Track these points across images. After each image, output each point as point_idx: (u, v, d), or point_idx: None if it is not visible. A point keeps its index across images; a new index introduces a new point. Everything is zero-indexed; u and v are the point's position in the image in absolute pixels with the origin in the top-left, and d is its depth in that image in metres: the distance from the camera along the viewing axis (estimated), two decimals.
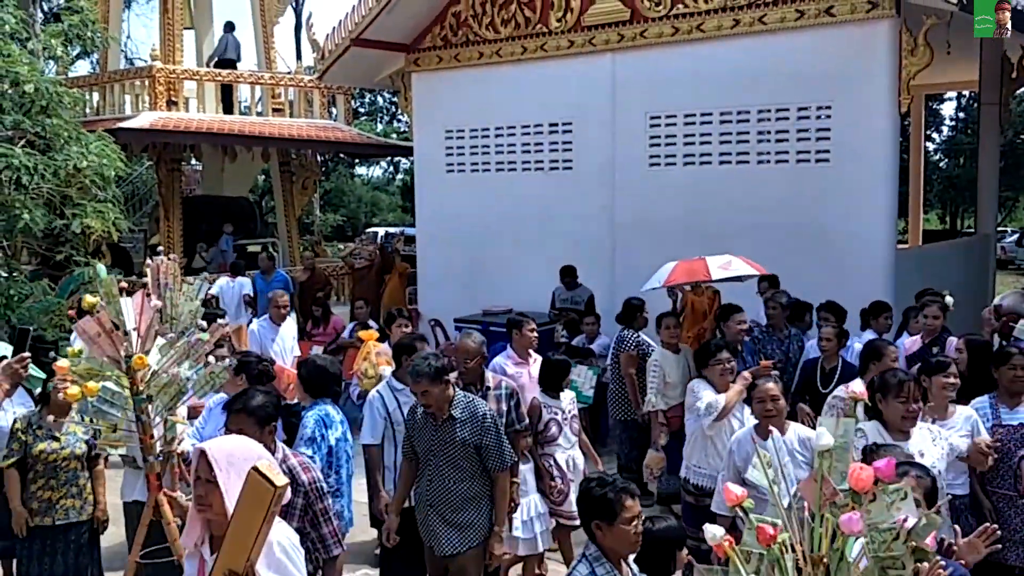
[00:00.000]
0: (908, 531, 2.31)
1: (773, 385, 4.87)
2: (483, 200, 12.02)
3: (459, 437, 4.80)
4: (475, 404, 4.88)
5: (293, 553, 2.99)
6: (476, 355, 5.45)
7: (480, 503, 4.90)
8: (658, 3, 10.21)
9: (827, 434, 2.45)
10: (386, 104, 40.83)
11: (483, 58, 11.77)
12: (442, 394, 4.75)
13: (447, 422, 4.81)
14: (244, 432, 3.63)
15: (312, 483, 3.85)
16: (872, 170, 9.08)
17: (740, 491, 2.45)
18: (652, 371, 7.13)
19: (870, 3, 8.84)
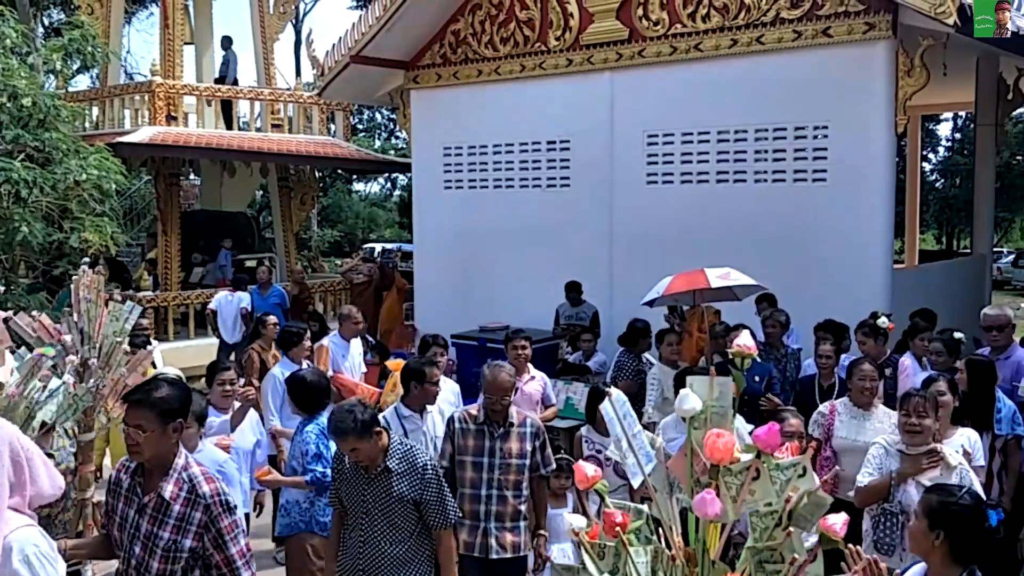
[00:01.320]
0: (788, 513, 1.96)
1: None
2: (481, 217, 12.05)
3: (395, 491, 4.30)
4: (414, 453, 4.38)
5: (41, 562, 2.68)
6: (511, 391, 5.00)
7: (419, 568, 4.38)
8: (656, 23, 10.27)
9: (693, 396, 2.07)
10: (384, 121, 40.92)
11: (482, 76, 11.83)
12: (373, 448, 4.26)
13: (382, 474, 4.31)
14: (142, 428, 3.27)
15: (215, 495, 3.34)
16: (869, 190, 9.12)
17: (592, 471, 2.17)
18: (651, 385, 7.15)
19: (867, 24, 8.90)
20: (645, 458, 2.17)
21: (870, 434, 5.37)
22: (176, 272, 14.81)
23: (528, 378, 7.17)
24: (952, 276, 11.91)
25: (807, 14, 9.26)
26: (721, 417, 2.05)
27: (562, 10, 11.02)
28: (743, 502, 1.95)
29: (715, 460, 1.94)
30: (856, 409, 5.56)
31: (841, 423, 5.53)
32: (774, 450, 1.95)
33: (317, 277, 17.39)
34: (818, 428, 5.62)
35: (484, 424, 5.01)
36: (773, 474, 1.95)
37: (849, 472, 5.34)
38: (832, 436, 5.50)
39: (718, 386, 2.10)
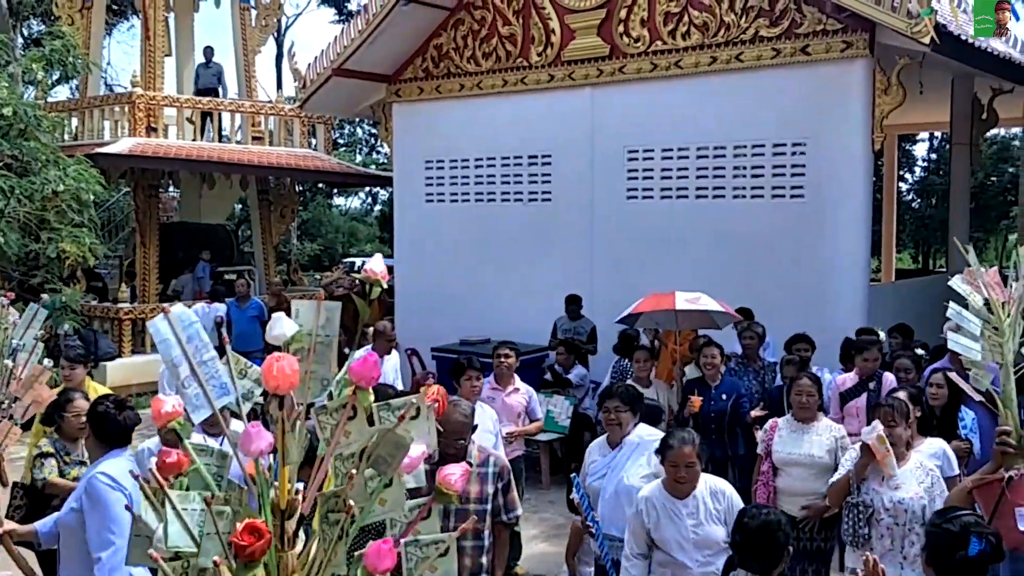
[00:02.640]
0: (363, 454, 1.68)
1: (690, 449, 4.21)
2: (462, 230, 12.08)
3: None
4: None
5: None
6: (466, 431, 4.40)
7: None
8: (637, 39, 10.37)
9: (285, 321, 1.76)
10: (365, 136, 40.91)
11: (464, 90, 11.89)
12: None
13: None
14: None
15: None
16: (846, 206, 9.22)
17: (173, 403, 1.83)
18: None
19: (845, 43, 9.02)
20: (217, 390, 1.80)
21: (808, 447, 5.43)
22: (154, 284, 14.72)
23: (511, 389, 7.18)
24: (927, 292, 12.01)
25: (786, 32, 9.39)
26: (326, 347, 1.75)
27: (544, 26, 11.11)
28: (338, 444, 1.68)
29: (272, 388, 1.62)
30: (797, 424, 5.58)
31: (780, 438, 5.56)
32: (371, 384, 1.69)
33: (296, 290, 17.31)
34: (761, 444, 5.69)
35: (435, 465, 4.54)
36: (383, 414, 1.70)
37: (789, 485, 5.43)
38: (771, 451, 5.54)
39: (325, 312, 1.78)
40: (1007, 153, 31.77)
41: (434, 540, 1.83)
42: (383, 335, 8.31)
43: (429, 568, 1.81)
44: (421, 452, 1.78)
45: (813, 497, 5.33)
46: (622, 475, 4.89)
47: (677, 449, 4.21)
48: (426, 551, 1.83)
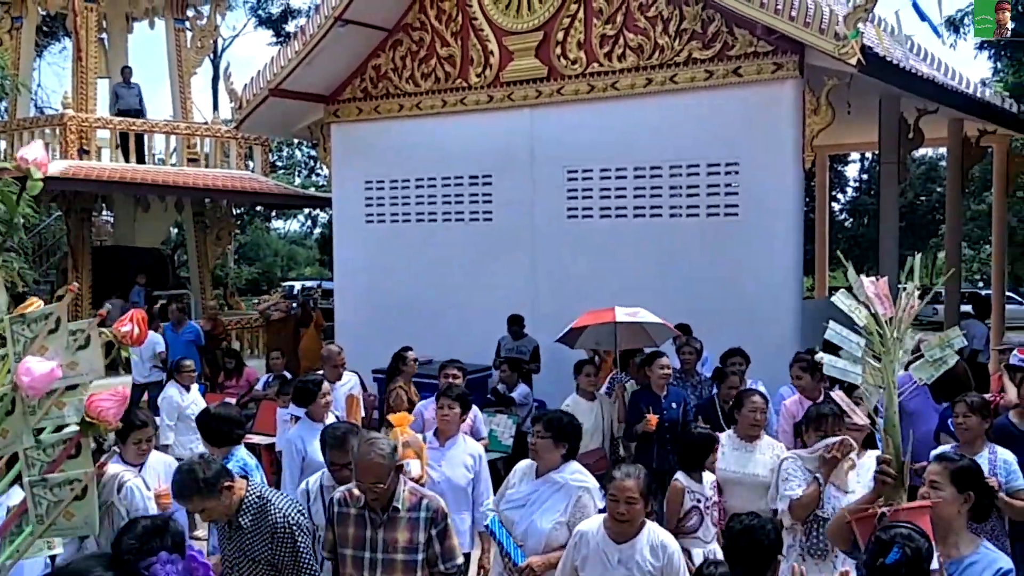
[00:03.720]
0: None
1: (633, 483, 3.86)
2: (404, 251, 12.05)
3: (249, 551, 3.91)
4: (268, 508, 3.93)
5: None
6: (388, 473, 3.87)
7: None
8: (574, 62, 10.50)
9: None
10: (304, 158, 40.62)
11: (403, 110, 11.90)
12: (224, 504, 3.89)
13: (235, 532, 3.95)
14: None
15: None
16: (778, 223, 9.42)
17: None
18: None
19: (775, 64, 9.25)
20: None
21: (752, 466, 5.38)
22: (87, 310, 14.38)
23: None
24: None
25: (718, 54, 9.59)
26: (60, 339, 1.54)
27: (482, 48, 11.19)
28: None
29: None
30: (740, 441, 5.51)
31: (724, 456, 5.48)
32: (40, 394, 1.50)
33: (233, 314, 17.06)
34: None
35: (365, 508, 3.94)
36: (15, 328, 1.50)
37: (731, 505, 5.34)
38: (716, 470, 5.43)
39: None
40: (935, 173, 32.86)
41: (66, 480, 1.53)
42: (329, 360, 8.07)
43: (64, 515, 1.55)
44: (49, 370, 1.55)
45: None
46: (535, 516, 4.46)
47: (619, 481, 3.84)
48: (58, 492, 1.57)
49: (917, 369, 3.34)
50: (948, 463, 3.39)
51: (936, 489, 3.31)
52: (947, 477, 3.32)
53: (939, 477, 3.33)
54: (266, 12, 36.32)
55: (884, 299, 3.34)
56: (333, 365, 7.99)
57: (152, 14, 17.59)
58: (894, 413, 3.25)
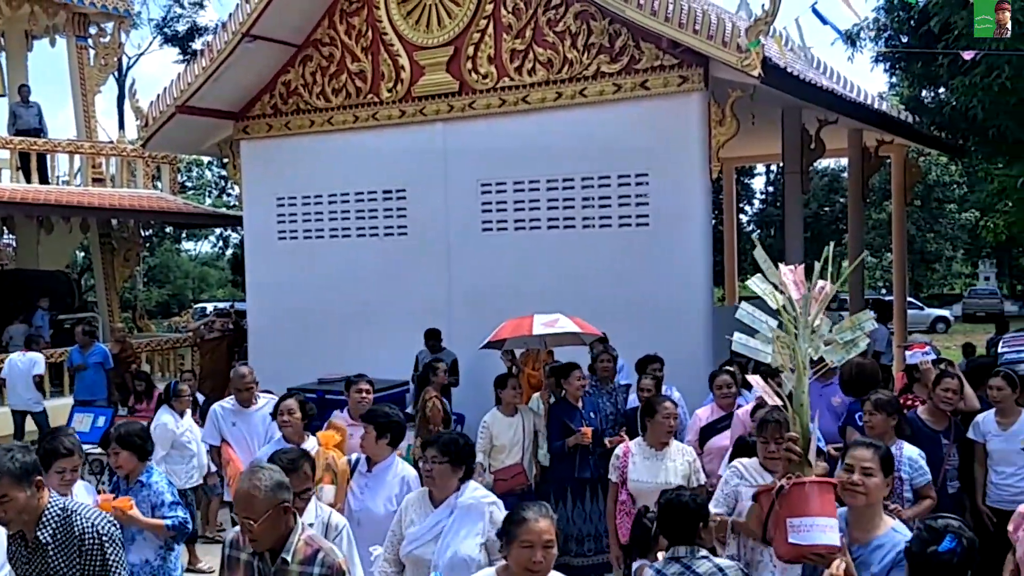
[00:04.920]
0: None
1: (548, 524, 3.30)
2: (318, 268, 11.91)
3: (52, 571, 3.52)
4: (72, 520, 3.55)
5: None
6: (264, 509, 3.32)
7: None
8: (485, 76, 10.58)
9: None
10: (215, 178, 39.92)
11: (314, 126, 11.80)
12: (30, 502, 3.47)
13: (36, 548, 3.53)
14: None
15: None
16: (688, 232, 9.60)
17: None
18: (480, 433, 7.15)
19: (681, 77, 9.46)
20: None
21: (664, 474, 5.37)
22: None
23: None
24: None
25: (626, 68, 9.77)
26: None
27: (393, 63, 11.18)
28: None
29: None
30: (650, 449, 5.47)
31: (635, 465, 5.45)
32: None
33: (143, 337, 16.61)
34: (615, 472, 5.54)
35: (256, 556, 3.45)
36: None
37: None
38: (627, 479, 5.39)
39: None
40: (837, 184, 33.98)
41: None
42: (237, 383, 7.25)
43: None
44: None
45: None
46: (456, 546, 4.11)
47: (532, 522, 3.22)
48: None
49: (829, 352, 3.36)
50: (875, 449, 3.47)
51: (869, 476, 3.38)
52: (877, 463, 3.41)
53: (872, 463, 3.40)
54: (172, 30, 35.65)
55: (799, 284, 3.38)
56: (241, 387, 7.14)
57: (53, 31, 17.09)
58: (803, 393, 3.28)
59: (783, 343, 3.32)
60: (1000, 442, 5.96)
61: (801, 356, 3.27)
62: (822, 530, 3.04)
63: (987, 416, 6.09)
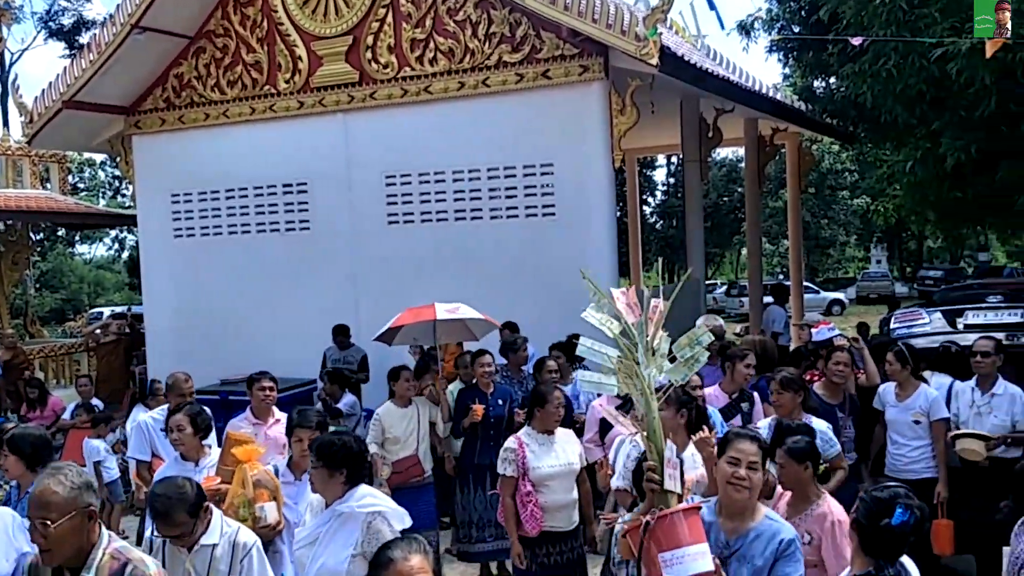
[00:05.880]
0: None
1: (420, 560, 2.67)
2: (218, 266, 11.61)
3: None
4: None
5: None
6: (63, 512, 2.96)
7: None
8: (385, 66, 10.45)
9: None
10: (108, 178, 38.54)
11: (210, 119, 11.48)
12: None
13: None
14: None
15: None
16: (593, 221, 9.68)
17: None
18: (371, 425, 7.08)
19: (582, 67, 9.52)
20: None
21: (564, 456, 5.37)
22: None
23: (272, 421, 6.90)
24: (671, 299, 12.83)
25: (527, 58, 9.78)
26: None
27: (290, 53, 10.95)
28: None
29: None
30: (542, 435, 5.42)
31: (534, 454, 5.36)
32: None
33: (35, 343, 15.91)
34: (510, 465, 5.38)
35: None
36: None
37: (553, 500, 5.29)
38: (528, 470, 5.31)
39: None
40: (735, 174, 34.84)
41: None
42: (175, 389, 6.77)
43: None
44: None
45: (573, 506, 5.35)
46: (324, 554, 3.94)
47: (401, 562, 2.65)
48: None
49: (671, 371, 3.19)
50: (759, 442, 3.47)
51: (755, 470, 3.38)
52: (761, 456, 3.41)
53: (757, 457, 3.39)
54: (57, 23, 34.17)
55: (633, 307, 3.22)
56: (180, 394, 6.69)
57: None
58: (653, 419, 3.10)
59: (626, 372, 3.14)
60: (896, 412, 6.20)
61: (646, 381, 3.10)
62: (694, 559, 2.93)
63: (887, 387, 6.33)
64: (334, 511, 3.97)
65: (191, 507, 3.66)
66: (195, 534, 3.69)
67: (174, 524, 3.64)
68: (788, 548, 3.30)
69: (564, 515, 5.37)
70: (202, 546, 3.71)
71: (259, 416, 6.69)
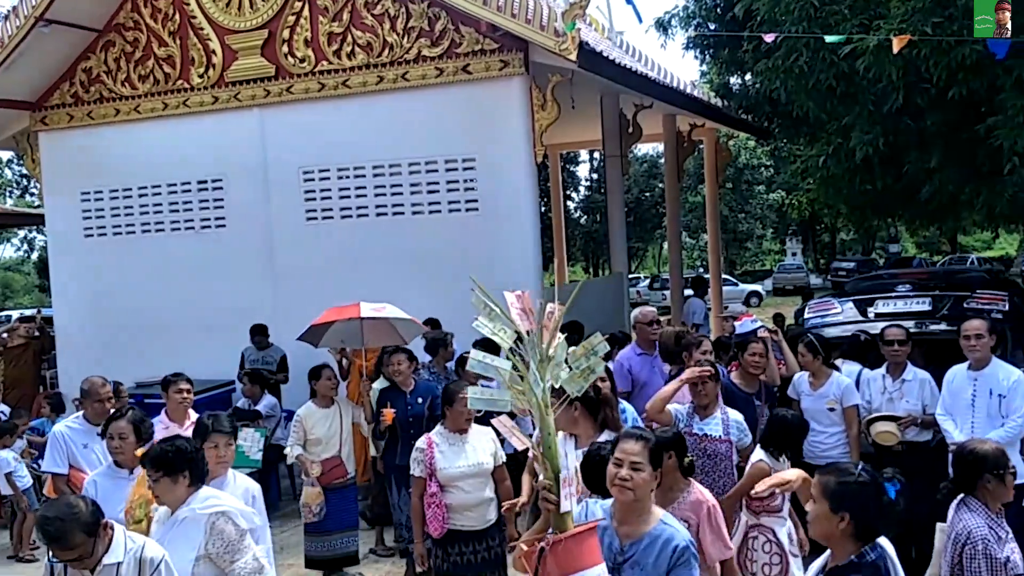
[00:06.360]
0: None
1: None
2: (131, 265, 11.29)
3: None
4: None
5: None
6: None
7: None
8: (302, 60, 10.28)
9: None
10: (16, 177, 37.18)
11: (120, 115, 11.15)
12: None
13: None
14: None
15: None
16: (516, 216, 9.67)
17: None
18: (292, 426, 6.97)
19: (502, 62, 9.50)
20: None
21: (474, 456, 5.32)
22: None
23: (189, 424, 6.72)
24: (596, 292, 12.95)
25: (447, 52, 9.72)
26: None
27: (204, 47, 10.69)
28: None
29: None
30: (454, 435, 5.36)
31: (442, 454, 5.30)
32: None
33: None
34: (419, 466, 5.33)
35: None
36: None
37: (461, 499, 5.25)
38: (435, 470, 5.26)
39: None
40: (656, 170, 35.34)
41: None
42: (92, 396, 6.20)
43: None
44: None
45: (486, 505, 5.32)
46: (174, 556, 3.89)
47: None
48: None
49: (567, 383, 2.97)
50: (644, 441, 3.35)
51: (638, 470, 3.26)
52: (647, 456, 3.29)
53: (641, 457, 3.27)
54: None
55: (528, 314, 2.94)
56: (97, 400, 6.18)
57: None
58: (549, 436, 2.88)
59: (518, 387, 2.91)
60: (810, 401, 6.35)
61: (540, 395, 2.87)
62: None
63: (801, 376, 6.49)
64: (175, 518, 3.95)
65: (87, 527, 3.42)
66: (96, 554, 3.46)
67: (71, 547, 3.40)
68: (683, 555, 3.21)
69: (475, 514, 5.30)
70: (106, 566, 3.50)
71: (175, 419, 6.53)
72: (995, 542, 3.65)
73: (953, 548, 3.74)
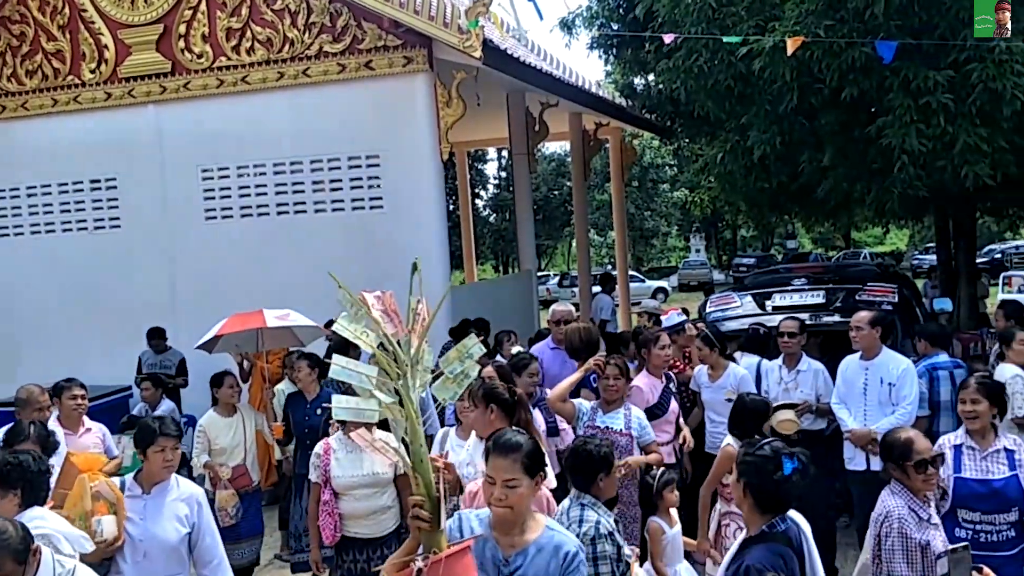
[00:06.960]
0: None
1: None
2: (20, 268, 10.85)
3: None
4: None
5: None
6: None
7: None
8: (200, 55, 10.02)
9: None
10: None
11: (7, 112, 10.72)
12: None
13: None
14: None
15: None
16: (423, 212, 9.62)
17: None
18: (196, 436, 6.76)
19: (405, 58, 9.44)
20: None
21: (370, 466, 5.12)
22: None
23: (83, 431, 6.47)
24: (504, 290, 13.01)
25: (349, 48, 9.60)
26: None
27: (95, 41, 10.33)
28: None
29: None
30: (352, 443, 5.12)
31: (338, 461, 5.13)
32: None
33: None
34: (315, 471, 5.19)
35: None
36: None
37: (354, 508, 5.10)
38: (330, 478, 5.09)
39: None
40: (564, 168, 35.63)
41: None
42: (30, 404, 5.92)
43: None
44: None
45: (383, 513, 5.15)
46: None
47: None
48: None
49: (439, 389, 2.79)
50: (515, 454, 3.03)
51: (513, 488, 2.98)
52: (521, 470, 3.01)
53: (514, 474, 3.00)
54: None
55: (393, 315, 2.72)
56: (36, 408, 5.92)
57: None
58: (420, 447, 2.65)
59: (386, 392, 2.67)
60: (710, 393, 6.49)
61: (412, 403, 2.65)
62: None
63: (700, 369, 6.62)
64: None
65: (17, 553, 3.12)
66: None
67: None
68: (573, 561, 3.00)
69: (370, 523, 5.15)
70: None
71: (68, 426, 6.27)
72: (914, 524, 3.66)
73: (874, 528, 3.79)
